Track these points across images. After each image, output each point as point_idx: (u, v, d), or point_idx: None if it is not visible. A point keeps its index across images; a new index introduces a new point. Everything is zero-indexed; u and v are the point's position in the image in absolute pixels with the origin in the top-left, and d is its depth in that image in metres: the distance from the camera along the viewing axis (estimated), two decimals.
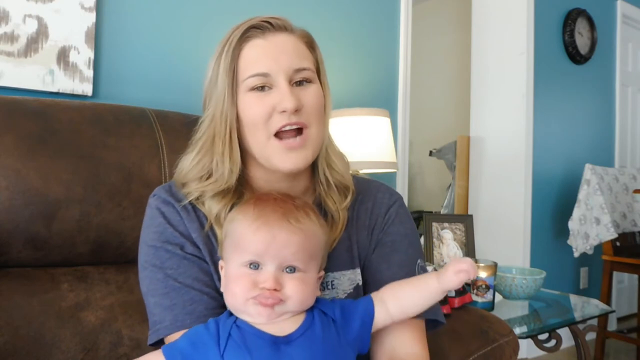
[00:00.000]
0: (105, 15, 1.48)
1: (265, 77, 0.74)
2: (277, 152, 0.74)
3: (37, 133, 1.01)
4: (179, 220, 0.77)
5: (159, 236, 0.77)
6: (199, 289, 0.74)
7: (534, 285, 1.74)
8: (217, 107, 0.77)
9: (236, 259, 0.68)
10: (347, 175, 0.84)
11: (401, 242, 0.84)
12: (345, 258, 0.81)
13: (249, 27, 0.78)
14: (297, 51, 0.77)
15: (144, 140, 1.13)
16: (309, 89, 0.77)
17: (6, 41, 1.32)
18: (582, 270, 3.05)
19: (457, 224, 2.07)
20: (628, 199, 2.74)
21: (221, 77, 0.76)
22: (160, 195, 0.80)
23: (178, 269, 0.75)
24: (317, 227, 0.70)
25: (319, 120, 0.77)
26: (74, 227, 1.01)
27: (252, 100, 0.75)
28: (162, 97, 1.55)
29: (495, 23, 2.79)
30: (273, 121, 0.74)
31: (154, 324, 0.74)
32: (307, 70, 0.77)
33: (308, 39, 0.81)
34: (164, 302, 0.73)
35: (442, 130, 3.48)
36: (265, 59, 0.75)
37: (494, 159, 2.76)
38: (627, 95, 3.46)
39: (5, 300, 0.94)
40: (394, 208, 0.86)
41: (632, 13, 3.43)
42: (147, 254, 0.78)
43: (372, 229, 0.84)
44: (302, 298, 0.66)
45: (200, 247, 0.76)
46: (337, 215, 0.81)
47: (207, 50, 1.85)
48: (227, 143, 0.76)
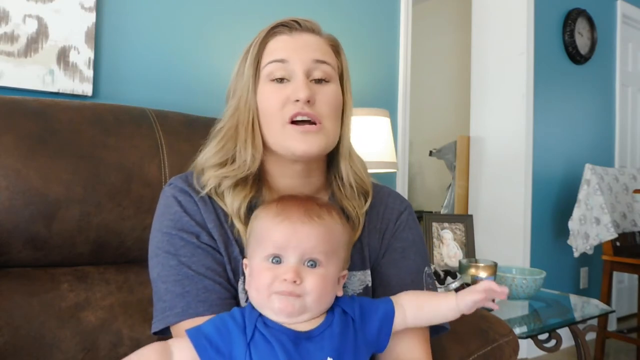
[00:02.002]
0: (105, 15, 1.48)
1: (283, 64, 0.76)
2: (293, 135, 0.75)
3: (37, 133, 1.01)
4: (195, 210, 0.77)
5: (174, 224, 0.77)
6: (212, 278, 0.74)
7: (534, 285, 1.74)
8: (241, 97, 0.78)
9: (259, 254, 0.68)
10: (367, 180, 0.85)
11: (410, 249, 0.86)
12: (356, 259, 0.82)
13: (278, 24, 0.80)
14: (320, 48, 0.79)
15: (144, 140, 1.13)
16: (326, 87, 0.78)
17: (6, 41, 1.32)
18: (582, 270, 3.05)
19: (457, 224, 2.07)
20: (628, 199, 2.74)
21: (247, 69, 0.78)
22: (177, 184, 0.80)
23: (192, 257, 0.74)
24: (339, 225, 0.71)
25: (332, 118, 0.78)
26: (74, 227, 1.01)
27: (270, 90, 0.77)
28: (162, 97, 1.55)
29: (495, 23, 2.79)
30: (287, 109, 0.75)
31: (162, 310, 0.74)
32: (326, 65, 0.78)
33: (334, 43, 0.83)
34: (176, 289, 0.73)
35: (442, 130, 3.48)
36: (286, 49, 0.77)
37: (494, 159, 2.76)
38: (627, 95, 3.46)
39: (5, 300, 0.94)
40: (404, 215, 0.88)
41: (632, 13, 3.43)
42: (160, 241, 0.77)
43: (383, 233, 0.86)
44: (320, 294, 0.66)
45: (216, 238, 0.76)
46: (356, 219, 0.82)
47: (207, 50, 1.86)
48: (249, 131, 0.77)
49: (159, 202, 0.81)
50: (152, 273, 0.77)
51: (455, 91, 3.54)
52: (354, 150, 0.85)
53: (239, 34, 1.72)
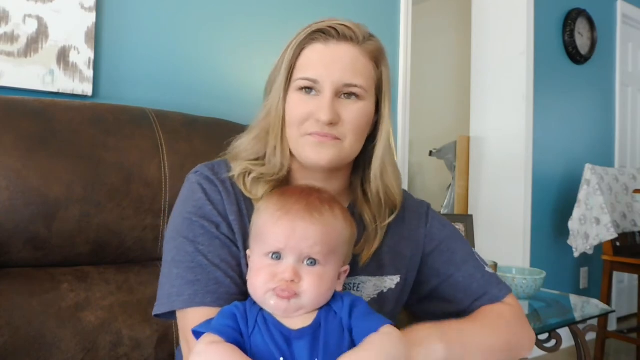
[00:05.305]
0: (105, 15, 1.48)
1: (314, 84, 0.76)
2: (308, 145, 0.76)
3: (37, 133, 1.01)
4: (219, 200, 0.78)
5: (197, 210, 0.77)
6: (225, 271, 0.74)
7: (534, 285, 1.74)
8: (273, 100, 0.79)
9: (259, 250, 0.69)
10: (399, 194, 0.84)
11: (454, 242, 0.89)
12: (372, 266, 0.82)
13: (316, 30, 0.79)
14: (354, 65, 0.77)
15: (144, 140, 1.13)
16: (354, 105, 0.77)
17: (6, 41, 1.32)
18: (582, 270, 3.05)
19: (457, 224, 2.07)
20: (628, 199, 2.74)
21: (282, 72, 0.79)
22: (203, 172, 0.81)
23: (209, 247, 0.75)
24: (340, 222, 0.71)
25: (354, 134, 0.77)
26: (74, 227, 1.01)
27: (297, 100, 0.77)
28: (162, 97, 1.55)
29: (495, 23, 2.79)
30: (307, 125, 0.76)
31: (169, 295, 0.74)
32: (356, 87, 0.76)
33: (374, 54, 0.81)
34: (188, 276, 0.73)
35: (442, 130, 3.48)
36: (319, 65, 0.76)
37: (494, 159, 2.76)
38: (627, 95, 3.46)
39: (6, 300, 0.94)
40: (430, 216, 0.90)
41: (632, 13, 3.43)
42: (180, 225, 0.77)
43: (416, 242, 0.87)
44: (317, 294, 0.66)
45: (235, 231, 0.77)
46: (373, 232, 0.82)
47: (207, 50, 1.86)
48: (279, 138, 0.78)
49: (183, 187, 0.81)
50: (167, 256, 0.77)
51: (455, 91, 3.53)
52: (390, 164, 0.83)
53: (239, 34, 1.72)
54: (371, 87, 0.79)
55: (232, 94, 1.68)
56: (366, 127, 0.80)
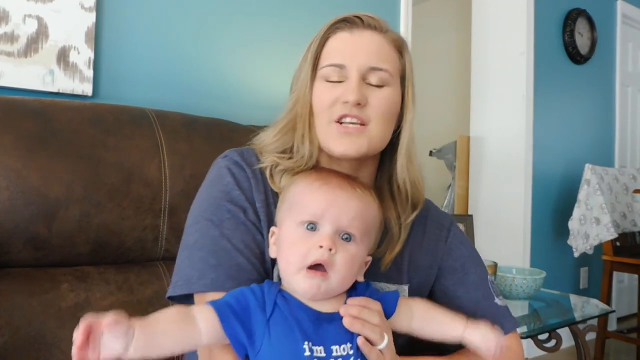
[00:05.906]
0: (105, 15, 1.48)
1: (340, 69, 0.76)
2: (334, 134, 0.75)
3: (37, 133, 1.01)
4: (247, 186, 0.77)
5: (224, 195, 0.76)
6: (248, 257, 0.72)
7: (534, 285, 1.74)
8: (300, 91, 0.79)
9: (292, 220, 0.66)
10: (422, 189, 0.83)
11: (470, 264, 0.86)
12: (393, 272, 0.81)
13: (340, 20, 0.79)
14: (380, 51, 0.77)
15: (144, 140, 1.13)
16: (381, 91, 0.76)
17: (6, 41, 1.32)
18: (582, 270, 3.05)
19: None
20: (628, 199, 2.74)
21: (307, 63, 0.78)
22: (232, 157, 0.80)
23: (235, 231, 0.73)
24: (376, 204, 0.71)
25: (381, 121, 0.76)
26: (74, 227, 1.01)
27: (323, 88, 0.77)
28: (162, 97, 1.55)
29: (495, 23, 2.79)
30: (335, 109, 0.75)
31: (189, 277, 0.72)
32: (383, 72, 0.76)
33: (398, 43, 0.81)
34: (210, 260, 0.71)
35: (442, 130, 3.48)
36: (345, 51, 0.76)
37: (494, 159, 2.76)
38: (627, 95, 3.46)
39: (6, 300, 0.94)
40: (452, 231, 0.88)
41: (632, 13, 3.43)
42: (206, 209, 0.76)
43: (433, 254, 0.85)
44: (345, 274, 0.64)
45: (261, 218, 0.75)
46: (397, 233, 0.80)
47: (207, 50, 1.86)
48: (307, 127, 0.77)
49: (210, 171, 0.81)
50: (189, 239, 0.75)
51: (455, 91, 3.53)
52: (414, 156, 0.82)
53: (239, 34, 1.72)
54: (396, 74, 0.79)
55: (232, 94, 1.68)
56: (392, 116, 0.79)
